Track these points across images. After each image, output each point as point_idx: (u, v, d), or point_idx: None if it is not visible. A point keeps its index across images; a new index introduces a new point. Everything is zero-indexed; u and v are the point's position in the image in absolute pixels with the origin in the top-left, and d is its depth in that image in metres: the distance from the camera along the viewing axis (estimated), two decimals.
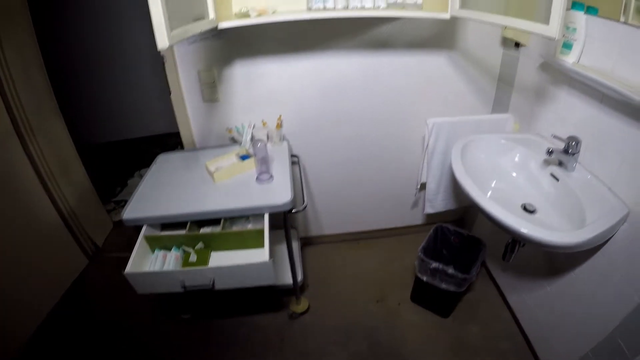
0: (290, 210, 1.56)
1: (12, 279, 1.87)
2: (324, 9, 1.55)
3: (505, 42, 1.89)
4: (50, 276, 2.17)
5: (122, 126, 3.89)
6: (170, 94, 1.84)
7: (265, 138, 1.86)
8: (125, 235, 1.53)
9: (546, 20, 1.13)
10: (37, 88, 2.22)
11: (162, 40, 1.06)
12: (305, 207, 1.67)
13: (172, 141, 3.11)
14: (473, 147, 1.68)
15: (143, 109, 3.84)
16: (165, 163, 1.89)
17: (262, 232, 1.52)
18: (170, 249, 1.58)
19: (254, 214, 1.62)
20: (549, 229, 1.22)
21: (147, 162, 1.99)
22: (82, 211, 2.48)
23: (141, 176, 3.15)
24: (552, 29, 1.12)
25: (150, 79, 3.56)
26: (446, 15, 1.54)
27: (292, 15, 1.47)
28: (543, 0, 1.11)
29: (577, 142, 1.40)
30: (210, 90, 1.85)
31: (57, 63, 2.66)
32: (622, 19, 1.22)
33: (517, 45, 1.82)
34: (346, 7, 1.54)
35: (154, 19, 1.02)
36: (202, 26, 1.31)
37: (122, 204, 2.96)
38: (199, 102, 1.90)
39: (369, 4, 1.53)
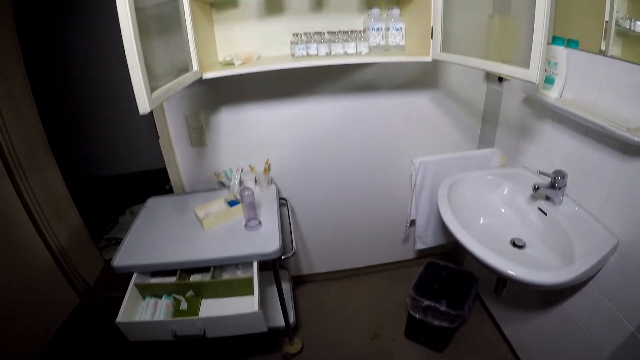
0: (280, 257, 1.56)
1: (1, 317, 1.85)
2: (307, 55, 1.57)
3: (489, 76, 1.92)
4: (41, 315, 2.14)
5: (113, 162, 3.90)
6: (158, 138, 1.85)
7: (253, 182, 1.86)
8: (117, 273, 1.53)
9: (526, 64, 1.14)
10: (29, 128, 2.23)
11: (143, 106, 1.06)
12: (294, 253, 1.66)
13: (162, 176, 3.11)
14: (460, 186, 1.69)
15: (134, 145, 3.85)
16: (154, 207, 1.89)
17: (251, 280, 1.52)
18: (161, 297, 1.57)
19: (244, 262, 1.61)
20: (537, 266, 1.24)
21: (138, 199, 1.99)
22: (73, 250, 2.46)
23: (132, 213, 3.17)
24: (532, 73, 1.13)
25: (141, 117, 3.56)
26: (428, 59, 1.56)
27: (276, 64, 1.49)
28: (522, 44, 1.13)
29: (563, 176, 1.41)
30: (198, 134, 1.86)
31: (48, 101, 2.68)
32: (602, 49, 1.25)
33: (500, 79, 1.84)
34: (329, 54, 1.56)
35: (135, 85, 1.02)
36: (184, 82, 1.31)
37: (114, 241, 2.95)
38: (187, 147, 1.91)
39: (351, 50, 1.55)
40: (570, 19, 1.41)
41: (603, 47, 1.25)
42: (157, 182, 2.81)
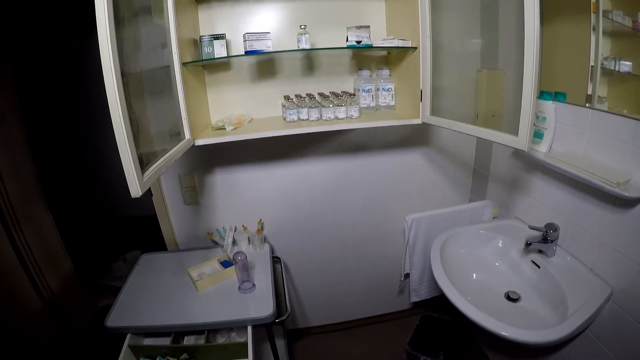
0: (274, 320, 1.55)
1: None
2: (299, 120, 1.60)
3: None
4: None
5: (107, 205, 3.86)
6: (152, 196, 1.85)
7: (246, 242, 1.86)
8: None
9: (515, 131, 1.16)
10: (23, 173, 2.23)
11: (135, 190, 1.06)
12: (288, 315, 1.65)
13: (156, 223, 3.10)
14: (452, 243, 1.70)
15: (128, 190, 3.81)
16: (147, 264, 1.88)
17: (246, 344, 1.50)
18: (154, 358, 1.55)
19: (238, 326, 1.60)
20: (531, 321, 1.25)
21: (131, 244, 1.96)
22: (65, 298, 2.43)
23: (125, 261, 3.14)
24: (522, 140, 1.15)
25: None
26: (418, 121, 1.59)
27: (267, 131, 1.51)
28: (510, 111, 1.16)
29: (555, 229, 1.43)
30: (191, 193, 1.87)
31: (43, 144, 2.67)
32: (589, 93, 1.29)
33: None
34: (320, 119, 1.58)
35: (125, 168, 1.02)
36: (177, 155, 1.32)
37: (107, 288, 2.92)
38: (181, 205, 1.92)
39: (342, 115, 1.57)
40: (556, 71, 1.45)
41: (590, 92, 1.29)
42: (151, 227, 2.79)
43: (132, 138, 1.01)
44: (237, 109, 1.75)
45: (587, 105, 1.31)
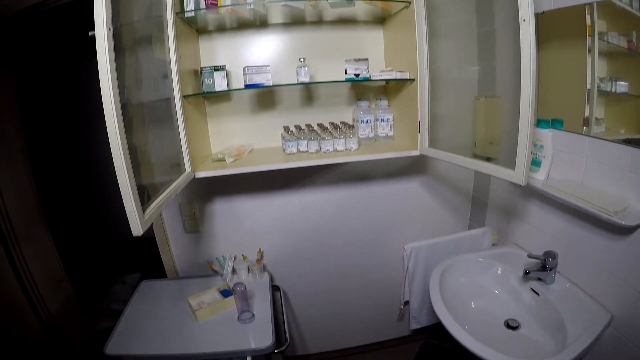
0: (273, 351, 1.54)
1: None
2: (298, 152, 1.61)
3: (477, 157, 1.95)
4: None
5: (108, 227, 3.85)
6: (152, 223, 1.86)
7: (246, 270, 1.87)
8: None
9: (512, 164, 1.17)
10: (25, 198, 2.24)
11: (136, 229, 1.05)
12: (287, 345, 1.65)
13: (155, 245, 3.09)
14: (451, 273, 1.69)
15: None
16: (147, 292, 1.87)
17: None
18: None
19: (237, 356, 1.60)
20: (531, 349, 1.25)
21: (131, 266, 1.95)
22: (65, 320, 2.43)
23: (124, 283, 3.14)
24: (519, 175, 1.16)
25: None
26: (416, 153, 1.60)
27: (267, 165, 1.52)
28: (508, 139, 1.18)
29: (554, 257, 1.43)
30: (191, 222, 1.88)
31: (45, 168, 2.68)
32: (585, 127, 1.31)
33: (489, 159, 1.87)
34: (319, 151, 1.59)
35: (127, 208, 1.02)
36: (177, 189, 1.33)
37: (106, 311, 2.90)
38: (181, 233, 1.93)
39: (340, 147, 1.59)
40: (553, 96, 1.47)
41: (587, 113, 1.31)
42: (150, 250, 2.79)
43: (134, 179, 1.02)
44: (238, 139, 1.77)
45: (584, 128, 1.33)
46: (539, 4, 1.42)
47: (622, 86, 1.22)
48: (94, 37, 0.90)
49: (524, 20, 1.05)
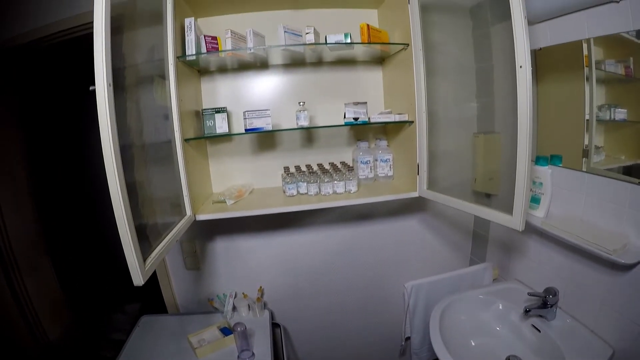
0: None
1: None
2: (298, 194, 1.62)
3: (477, 194, 1.96)
4: None
5: (109, 255, 3.85)
6: None
7: (246, 308, 1.87)
8: None
9: (509, 208, 1.18)
10: (28, 227, 2.26)
11: (137, 279, 1.06)
12: None
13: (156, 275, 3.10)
14: (452, 311, 1.69)
15: None
16: (147, 327, 1.87)
17: None
18: None
19: None
20: None
21: (131, 295, 1.94)
22: (64, 349, 2.43)
23: (125, 313, 3.13)
24: (516, 220, 1.17)
25: None
26: (415, 194, 1.61)
27: (267, 208, 1.53)
28: (507, 180, 1.18)
29: (555, 294, 1.42)
30: (192, 259, 1.89)
31: (47, 197, 2.70)
32: (585, 158, 1.33)
33: (489, 196, 1.88)
34: (318, 193, 1.61)
35: (128, 258, 1.02)
36: (177, 235, 1.34)
37: (106, 340, 2.90)
38: (182, 270, 1.93)
39: (340, 190, 1.60)
40: (552, 130, 1.50)
41: (586, 144, 1.32)
42: (150, 282, 2.80)
43: (135, 232, 1.02)
44: (239, 179, 1.79)
45: (583, 160, 1.34)
46: (536, 40, 1.45)
47: (621, 113, 1.24)
48: (94, 91, 0.93)
49: (520, 67, 1.07)
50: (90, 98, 0.92)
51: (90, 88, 0.95)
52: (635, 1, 1.11)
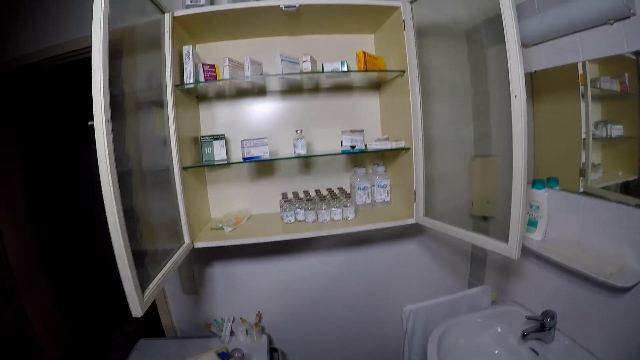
0: None
1: None
2: (296, 221, 1.63)
3: (474, 216, 1.96)
4: None
5: (106, 271, 3.83)
6: None
7: (244, 333, 1.86)
8: None
9: (505, 237, 1.18)
10: (26, 248, 2.26)
11: (136, 310, 1.05)
12: None
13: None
14: (450, 335, 1.68)
15: None
16: (145, 350, 1.86)
17: None
18: None
19: None
20: None
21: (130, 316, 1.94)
22: None
23: (122, 332, 3.12)
24: (512, 248, 1.18)
25: None
26: (412, 221, 1.62)
27: (264, 237, 1.53)
28: (504, 203, 1.18)
29: (552, 317, 1.41)
30: (190, 284, 1.89)
31: (46, 217, 2.70)
32: (581, 182, 1.33)
33: (486, 218, 1.88)
34: (316, 220, 1.61)
35: (127, 290, 1.02)
36: (175, 265, 1.34)
37: (103, 359, 2.90)
38: (180, 294, 1.93)
39: (337, 217, 1.60)
40: (548, 151, 1.50)
41: (583, 162, 1.33)
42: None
43: (134, 265, 1.03)
44: (237, 205, 1.79)
45: (580, 179, 1.35)
46: (532, 63, 1.46)
47: (617, 129, 1.24)
48: (93, 126, 0.94)
49: (515, 97, 1.08)
50: (90, 118, 0.94)
51: (89, 123, 0.97)
52: (629, 23, 1.12)
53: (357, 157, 1.84)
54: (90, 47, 0.93)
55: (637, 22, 1.11)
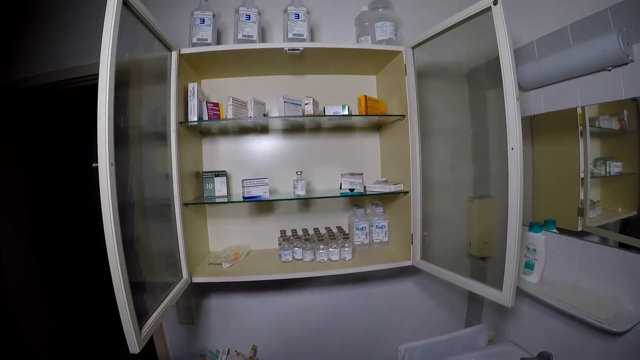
0: None
1: None
2: (294, 259, 1.64)
3: (472, 257, 1.97)
4: None
5: (103, 291, 3.83)
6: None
7: None
8: None
9: (499, 284, 1.19)
10: (25, 268, 2.28)
11: (133, 347, 1.05)
12: None
13: None
14: None
15: None
16: None
17: None
18: None
19: None
20: None
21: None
22: None
23: (116, 352, 3.11)
24: (505, 296, 1.19)
25: None
26: (408, 263, 1.62)
27: (261, 276, 1.55)
28: (502, 244, 1.19)
29: (548, 358, 1.39)
30: (186, 314, 1.90)
31: (45, 234, 2.72)
32: (580, 217, 1.34)
33: (484, 258, 1.89)
34: (313, 260, 1.62)
35: (125, 327, 1.02)
36: (173, 300, 1.34)
37: None
38: (176, 323, 1.94)
39: (335, 257, 1.61)
40: (546, 195, 1.51)
41: (581, 201, 1.33)
42: None
43: (133, 304, 1.04)
44: (236, 239, 1.81)
45: (579, 219, 1.35)
46: (530, 107, 1.49)
47: (616, 167, 1.25)
48: (97, 168, 0.96)
49: (512, 149, 1.11)
50: (93, 137, 0.96)
51: (94, 165, 0.99)
52: (627, 69, 1.14)
53: (356, 198, 1.85)
54: (95, 74, 0.96)
55: (634, 69, 1.13)
